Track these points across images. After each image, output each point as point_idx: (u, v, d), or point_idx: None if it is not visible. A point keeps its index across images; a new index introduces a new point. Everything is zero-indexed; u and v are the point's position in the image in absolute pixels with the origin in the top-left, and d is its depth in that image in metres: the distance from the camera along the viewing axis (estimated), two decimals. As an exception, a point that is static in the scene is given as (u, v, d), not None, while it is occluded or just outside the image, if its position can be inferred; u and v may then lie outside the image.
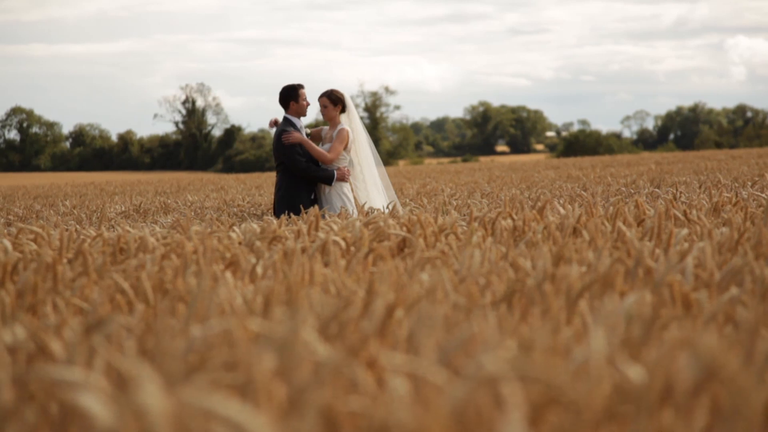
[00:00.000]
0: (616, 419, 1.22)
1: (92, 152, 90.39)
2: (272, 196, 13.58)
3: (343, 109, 8.79)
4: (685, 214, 4.70)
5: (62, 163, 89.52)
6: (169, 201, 13.22)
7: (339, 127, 8.73)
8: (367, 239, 4.29)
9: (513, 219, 4.73)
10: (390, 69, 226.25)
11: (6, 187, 29.28)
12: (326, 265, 3.88)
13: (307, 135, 8.95)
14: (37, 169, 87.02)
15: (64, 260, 3.76)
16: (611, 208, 5.28)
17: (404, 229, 4.65)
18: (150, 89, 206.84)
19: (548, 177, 17.87)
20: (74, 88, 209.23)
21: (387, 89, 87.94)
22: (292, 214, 8.13)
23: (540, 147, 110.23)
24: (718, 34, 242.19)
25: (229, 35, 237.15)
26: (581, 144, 79.79)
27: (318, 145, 8.83)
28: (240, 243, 4.64)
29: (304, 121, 8.93)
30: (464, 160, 71.82)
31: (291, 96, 8.77)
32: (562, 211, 5.08)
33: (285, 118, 8.81)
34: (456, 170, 28.53)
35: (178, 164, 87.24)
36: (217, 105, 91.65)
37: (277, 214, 8.73)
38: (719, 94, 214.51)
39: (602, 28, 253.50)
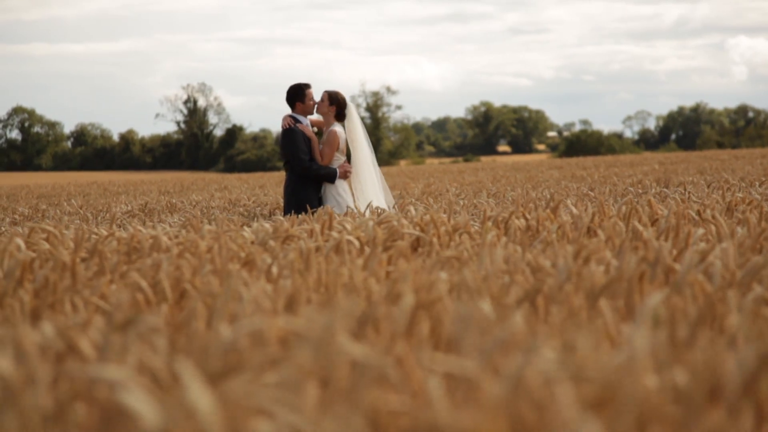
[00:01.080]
0: (664, 419, 1.20)
1: (94, 152, 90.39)
2: (277, 196, 13.61)
3: (339, 115, 8.83)
4: (699, 213, 4.69)
5: (64, 162, 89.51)
6: (174, 201, 13.21)
7: (329, 129, 8.78)
8: (382, 239, 4.28)
9: (526, 219, 4.72)
10: (390, 69, 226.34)
11: (9, 186, 29.28)
12: (341, 264, 3.86)
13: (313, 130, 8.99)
14: (38, 168, 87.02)
15: (78, 259, 3.74)
16: (623, 207, 5.27)
17: (417, 228, 4.64)
18: (151, 89, 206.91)
19: (553, 177, 17.86)
20: (75, 88, 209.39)
21: (389, 89, 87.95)
22: (301, 213, 8.17)
23: (541, 147, 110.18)
24: (719, 34, 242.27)
25: (230, 35, 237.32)
26: (583, 144, 79.78)
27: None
28: (252, 242, 4.63)
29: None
30: (466, 160, 71.80)
31: (297, 96, 8.83)
32: (574, 210, 5.06)
33: (292, 116, 8.85)
34: (459, 170, 28.52)
35: (179, 164, 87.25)
36: (219, 105, 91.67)
37: (286, 212, 8.76)
38: (720, 94, 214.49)
39: (603, 27, 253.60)
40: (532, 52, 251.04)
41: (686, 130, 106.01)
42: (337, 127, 8.82)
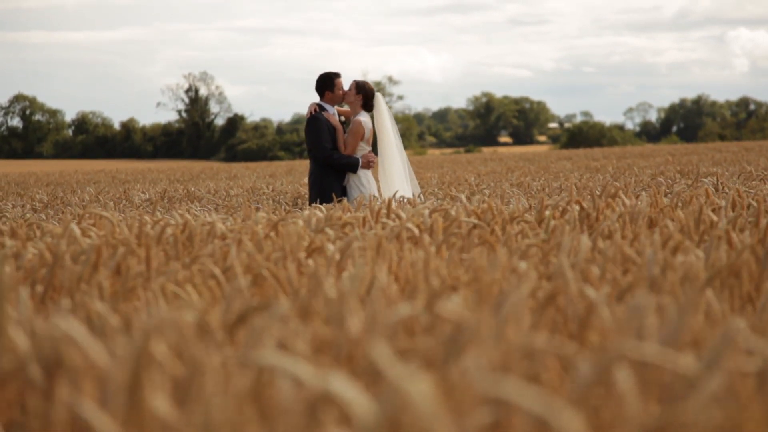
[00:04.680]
0: None
1: (95, 140, 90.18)
2: (295, 185, 13.55)
3: (366, 105, 8.76)
4: (758, 203, 4.63)
5: (65, 150, 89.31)
6: (192, 189, 13.13)
7: (354, 119, 8.73)
8: (442, 227, 4.22)
9: (583, 207, 4.66)
10: (391, 59, 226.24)
11: (16, 173, 29.19)
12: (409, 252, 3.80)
13: (340, 119, 8.92)
14: (39, 156, 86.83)
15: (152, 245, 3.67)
16: (675, 198, 5.21)
17: (473, 216, 4.58)
18: (151, 77, 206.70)
19: (566, 168, 17.79)
20: (76, 76, 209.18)
21: (390, 79, 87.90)
22: (326, 202, 8.12)
23: (543, 138, 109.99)
24: (719, 26, 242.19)
25: (230, 24, 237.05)
26: (585, 136, 79.68)
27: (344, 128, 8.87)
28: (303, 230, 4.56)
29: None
30: (467, 151, 71.71)
31: (327, 86, 8.77)
32: (626, 200, 5.00)
33: (319, 105, 8.80)
34: (467, 160, 28.46)
35: (180, 153, 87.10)
36: (220, 94, 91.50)
37: (311, 201, 8.72)
38: (721, 87, 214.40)
39: (603, 19, 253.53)
40: (533, 44, 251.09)
41: (688, 122, 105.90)
42: (363, 117, 8.77)
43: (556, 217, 4.57)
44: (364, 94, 8.77)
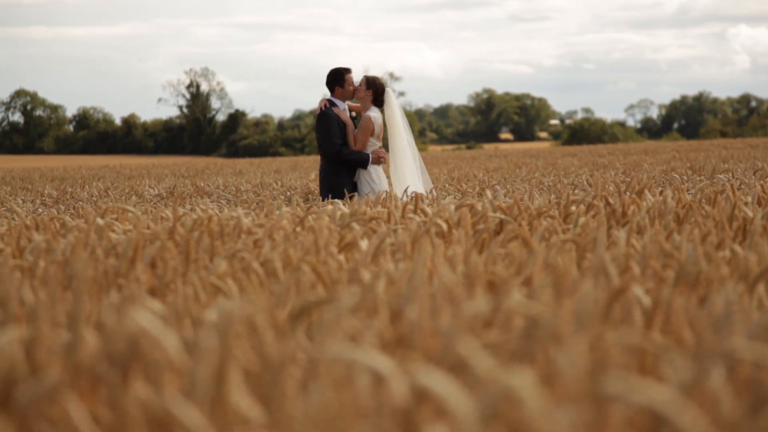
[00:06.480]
0: None
1: (96, 135, 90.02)
2: (303, 180, 13.51)
3: (377, 101, 8.74)
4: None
5: (66, 146, 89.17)
6: (201, 184, 13.10)
7: (364, 114, 8.72)
8: (470, 222, 4.20)
9: (609, 203, 4.64)
10: (391, 55, 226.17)
11: (20, 168, 29.15)
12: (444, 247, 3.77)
13: (351, 115, 8.90)
14: (40, 151, 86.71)
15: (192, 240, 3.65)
16: (699, 194, 5.19)
17: (498, 211, 4.56)
18: (151, 73, 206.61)
19: (572, 164, 17.74)
20: (77, 71, 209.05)
21: (392, 75, 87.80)
22: (336, 198, 8.11)
23: (544, 135, 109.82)
24: (720, 23, 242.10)
25: (230, 20, 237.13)
26: (586, 132, 79.59)
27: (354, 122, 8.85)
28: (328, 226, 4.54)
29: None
30: (468, 147, 71.59)
31: (337, 81, 8.75)
32: (650, 196, 4.98)
33: (329, 100, 8.78)
34: (471, 157, 28.43)
35: (181, 148, 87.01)
36: (221, 90, 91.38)
37: (322, 197, 8.71)
38: (722, 84, 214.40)
39: (603, 16, 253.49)
40: (533, 40, 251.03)
41: (689, 119, 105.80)
42: (373, 113, 8.74)
43: (581, 213, 4.55)
44: (375, 90, 8.75)
